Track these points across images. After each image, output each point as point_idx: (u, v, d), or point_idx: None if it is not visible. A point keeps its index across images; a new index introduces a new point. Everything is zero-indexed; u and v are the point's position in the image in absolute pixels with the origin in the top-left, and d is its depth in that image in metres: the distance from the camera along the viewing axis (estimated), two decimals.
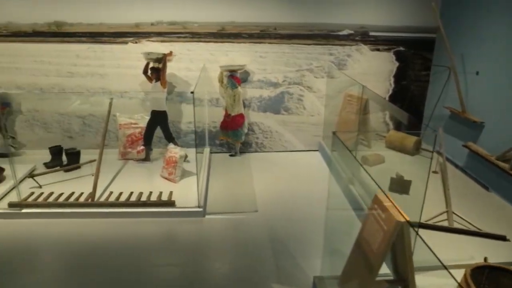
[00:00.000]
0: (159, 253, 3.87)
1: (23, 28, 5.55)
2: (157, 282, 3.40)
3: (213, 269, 3.60)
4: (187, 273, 3.53)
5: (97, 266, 3.60)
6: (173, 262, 3.68)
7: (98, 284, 3.38)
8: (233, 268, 3.59)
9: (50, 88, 5.79)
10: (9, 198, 4.73)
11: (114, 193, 4.81)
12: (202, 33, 5.65)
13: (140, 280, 3.42)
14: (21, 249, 3.89)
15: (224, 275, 3.50)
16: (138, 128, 5.74)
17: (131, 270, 3.55)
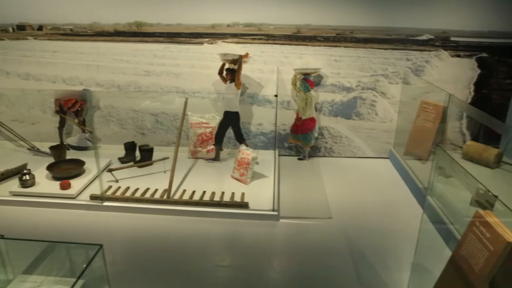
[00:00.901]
0: (232, 254, 3.87)
1: (106, 28, 5.76)
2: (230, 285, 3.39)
3: (290, 275, 3.55)
4: (263, 277, 3.50)
5: (170, 262, 3.66)
6: (247, 265, 3.67)
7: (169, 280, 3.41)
8: (311, 277, 3.52)
9: (126, 86, 5.97)
10: (89, 191, 4.91)
11: (187, 191, 4.87)
12: (277, 35, 5.63)
13: (213, 281, 3.42)
14: (102, 241, 4.00)
15: (303, 283, 3.44)
16: (209, 128, 5.80)
17: (204, 269, 3.58)
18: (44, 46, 5.98)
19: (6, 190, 4.99)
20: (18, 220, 4.50)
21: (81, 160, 5.40)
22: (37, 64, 6.07)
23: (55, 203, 4.75)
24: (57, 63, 6.01)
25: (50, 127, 6.32)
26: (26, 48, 6.02)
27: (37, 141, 6.24)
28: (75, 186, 4.95)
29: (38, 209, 4.75)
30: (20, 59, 6.08)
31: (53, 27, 5.89)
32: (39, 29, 5.91)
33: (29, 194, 4.86)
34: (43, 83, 6.11)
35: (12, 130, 6.13)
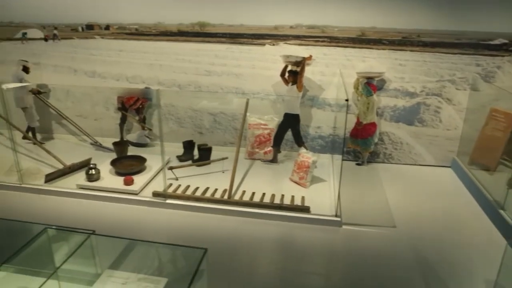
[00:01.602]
0: (294, 259, 3.82)
1: (170, 28, 5.86)
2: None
3: (356, 284, 3.46)
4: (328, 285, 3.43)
5: (236, 264, 3.65)
6: (310, 271, 3.62)
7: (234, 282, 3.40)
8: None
9: (186, 85, 6.05)
10: (150, 187, 5.00)
11: (247, 193, 4.86)
12: (340, 37, 5.53)
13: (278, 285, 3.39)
14: (165, 239, 4.07)
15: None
16: (267, 130, 5.78)
17: (264, 272, 3.54)
18: (110, 45, 6.16)
19: (73, 183, 5.17)
20: (84, 213, 4.65)
21: (142, 156, 5.51)
22: (103, 63, 6.26)
23: (119, 198, 4.87)
24: (122, 62, 6.18)
25: (112, 123, 6.50)
26: (94, 47, 6.23)
27: (98, 136, 6.44)
28: (138, 182, 5.06)
29: (102, 203, 4.89)
30: (87, 58, 6.30)
31: (119, 27, 6.06)
32: (106, 28, 6.09)
33: (95, 188, 5.01)
34: (108, 80, 6.30)
35: (77, 125, 6.36)
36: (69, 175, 5.43)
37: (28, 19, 6.36)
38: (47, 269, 2.46)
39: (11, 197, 5.03)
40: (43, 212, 4.69)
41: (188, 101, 6.12)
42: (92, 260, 2.62)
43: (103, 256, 2.68)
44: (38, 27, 6.39)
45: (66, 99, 6.53)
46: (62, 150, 5.74)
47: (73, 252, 2.36)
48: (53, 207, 4.78)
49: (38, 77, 6.33)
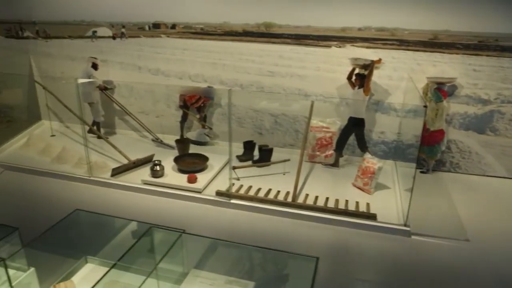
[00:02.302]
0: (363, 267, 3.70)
1: (235, 28, 5.88)
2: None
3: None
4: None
5: None
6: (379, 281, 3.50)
7: None
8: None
9: (249, 85, 6.04)
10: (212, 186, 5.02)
11: (310, 196, 4.79)
12: (411, 41, 5.35)
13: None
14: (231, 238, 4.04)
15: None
16: (329, 133, 5.68)
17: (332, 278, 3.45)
18: (175, 44, 6.25)
19: (137, 178, 5.28)
20: (149, 208, 4.73)
21: (204, 155, 5.55)
22: (167, 61, 6.38)
23: (183, 195, 4.92)
24: (186, 60, 6.26)
25: (172, 120, 6.60)
26: (159, 45, 6.35)
27: (158, 133, 6.56)
28: (200, 180, 5.09)
29: (166, 199, 4.96)
30: (152, 56, 6.43)
31: (185, 26, 6.14)
32: (172, 27, 6.19)
33: (159, 184, 5.09)
34: (171, 78, 6.40)
35: (140, 122, 6.50)
36: (133, 170, 5.55)
37: (99, 18, 6.58)
38: (141, 266, 2.49)
39: (81, 189, 5.20)
40: (111, 204, 4.82)
41: (250, 101, 6.11)
42: (179, 259, 2.64)
43: (189, 255, 2.70)
44: (108, 25, 6.59)
45: (130, 96, 6.70)
46: (123, 145, 5.87)
47: (167, 251, 2.37)
48: (119, 201, 4.90)
49: (105, 73, 6.52)
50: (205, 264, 2.59)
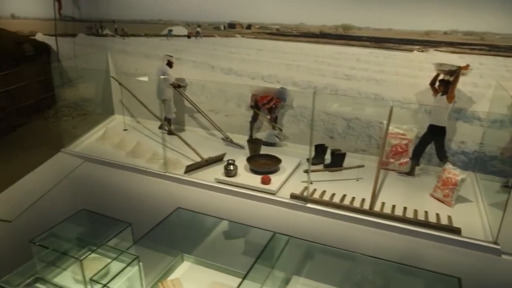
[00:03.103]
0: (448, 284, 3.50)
1: (312, 29, 5.80)
2: None
3: None
4: None
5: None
6: None
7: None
8: None
9: (323, 88, 5.95)
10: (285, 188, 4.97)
11: (387, 205, 4.64)
12: (502, 46, 5.04)
13: None
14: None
15: None
16: (405, 140, 5.47)
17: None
18: (250, 44, 6.27)
19: (210, 176, 5.34)
20: (223, 207, 4.76)
21: (276, 156, 5.52)
22: (241, 61, 6.41)
23: (256, 196, 4.91)
24: (260, 61, 6.26)
25: (242, 120, 6.63)
26: (233, 45, 6.39)
27: (227, 132, 6.61)
28: (274, 182, 5.06)
29: (239, 199, 4.97)
30: (226, 55, 6.48)
31: (261, 26, 6.14)
32: (248, 28, 6.21)
33: (233, 183, 5.11)
34: (243, 78, 6.43)
35: (211, 120, 6.57)
36: (205, 168, 5.62)
37: (175, 17, 6.72)
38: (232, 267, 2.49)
39: (157, 184, 5.33)
40: (186, 201, 4.88)
41: (322, 104, 6.01)
42: (281, 265, 2.61)
43: (290, 260, 2.66)
44: (183, 25, 6.72)
45: (201, 94, 6.79)
46: (192, 143, 5.96)
47: (260, 253, 2.34)
48: (193, 198, 4.97)
49: (178, 71, 6.64)
50: (308, 270, 2.54)
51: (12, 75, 7.24)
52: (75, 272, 3.03)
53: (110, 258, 2.92)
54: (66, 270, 3.06)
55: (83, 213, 3.53)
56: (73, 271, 3.07)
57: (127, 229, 3.25)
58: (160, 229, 3.11)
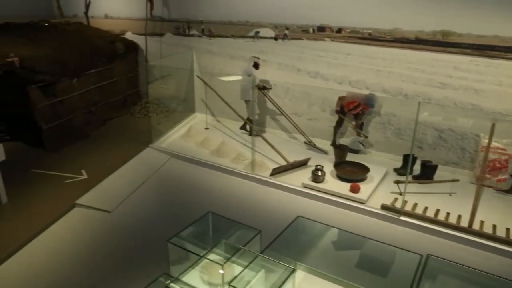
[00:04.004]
0: None
1: (407, 34, 5.59)
2: None
3: None
4: None
5: None
6: None
7: None
8: None
9: (414, 96, 5.72)
10: (375, 198, 4.83)
11: (486, 224, 4.35)
12: None
13: None
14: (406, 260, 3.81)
15: None
16: (505, 155, 5.12)
17: None
18: (339, 48, 6.17)
19: (295, 180, 5.31)
20: (309, 212, 4.70)
21: (364, 165, 5.39)
22: (328, 64, 6.32)
23: (344, 204, 4.82)
24: (348, 65, 6.14)
25: (325, 125, 6.54)
26: (321, 48, 6.32)
27: (309, 136, 6.53)
28: (363, 191, 4.94)
29: (326, 206, 4.90)
30: (313, 58, 6.43)
31: (352, 30, 6.02)
32: (338, 31, 6.11)
33: (320, 189, 5.05)
34: (330, 83, 6.34)
35: (294, 123, 6.54)
36: (289, 172, 5.60)
37: (263, 19, 6.76)
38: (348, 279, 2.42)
39: (243, 185, 5.40)
40: (271, 204, 4.91)
41: (412, 112, 5.76)
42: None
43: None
44: (271, 27, 6.75)
45: (285, 96, 6.78)
46: (274, 145, 5.97)
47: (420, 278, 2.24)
48: (280, 201, 4.97)
49: (262, 73, 6.67)
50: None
51: (104, 72, 7.64)
52: (203, 272, 3.12)
53: (239, 263, 2.96)
54: (193, 270, 3.13)
55: (209, 215, 3.63)
56: (202, 272, 3.17)
57: (252, 233, 3.29)
58: (279, 238, 3.11)
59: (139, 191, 5.14)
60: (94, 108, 7.34)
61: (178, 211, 4.72)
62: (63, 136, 6.45)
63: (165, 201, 4.97)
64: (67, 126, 6.57)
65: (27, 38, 6.64)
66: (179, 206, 4.85)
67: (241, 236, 3.37)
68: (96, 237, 4.27)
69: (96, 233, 4.34)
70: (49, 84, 6.20)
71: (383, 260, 2.63)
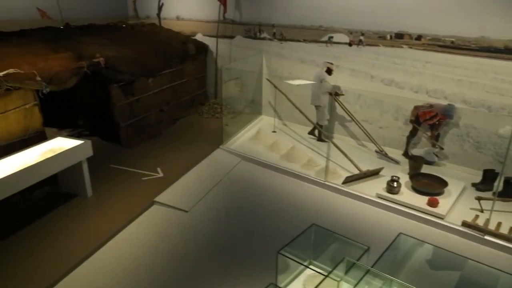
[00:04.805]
0: None
1: (495, 43, 5.32)
2: None
3: None
4: None
5: None
6: None
7: None
8: None
9: (499, 108, 5.45)
10: (454, 214, 4.64)
11: None
12: None
13: None
14: None
15: None
16: None
17: None
18: (417, 56, 5.98)
19: (369, 190, 5.20)
20: (385, 225, 4.60)
21: (440, 177, 5.20)
22: (404, 72, 6.15)
23: (422, 218, 4.67)
24: (425, 74, 5.95)
25: (397, 134, 6.38)
26: (398, 55, 6.16)
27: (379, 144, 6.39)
28: (441, 205, 4.76)
29: (401, 218, 4.78)
30: (389, 66, 6.28)
31: (432, 38, 5.82)
32: (417, 39, 5.93)
33: (395, 201, 4.92)
34: (405, 91, 6.17)
35: (366, 131, 6.43)
36: (362, 181, 5.50)
37: (338, 25, 6.69)
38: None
39: (315, 191, 5.36)
40: (345, 213, 4.85)
41: (496, 125, 5.50)
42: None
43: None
44: (346, 32, 6.66)
45: (356, 103, 6.68)
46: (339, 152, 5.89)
47: None
48: (353, 211, 4.90)
49: (333, 78, 6.59)
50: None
51: (176, 73, 7.87)
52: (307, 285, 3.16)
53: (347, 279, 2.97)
54: (296, 281, 3.20)
55: (313, 227, 3.66)
56: (305, 285, 3.22)
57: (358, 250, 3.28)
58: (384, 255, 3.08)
59: (213, 192, 5.25)
60: (166, 107, 7.58)
61: (252, 217, 4.77)
62: (138, 134, 6.71)
63: (239, 204, 5.04)
64: (142, 124, 6.83)
65: (109, 39, 6.96)
66: (253, 211, 4.90)
67: (344, 250, 3.36)
68: (175, 236, 4.40)
69: (175, 232, 4.47)
70: (128, 84, 6.46)
71: (485, 284, 2.51)
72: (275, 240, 4.13)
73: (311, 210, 4.88)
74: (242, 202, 5.10)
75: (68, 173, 4.74)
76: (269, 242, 4.21)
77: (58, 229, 4.37)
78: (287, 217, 4.74)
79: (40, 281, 3.62)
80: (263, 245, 4.21)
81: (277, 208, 4.92)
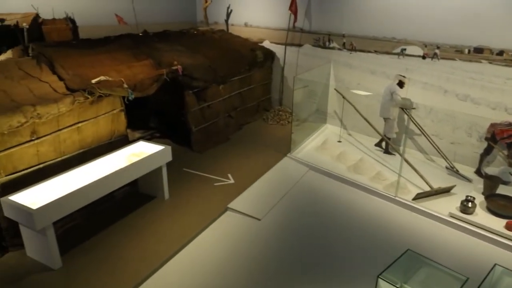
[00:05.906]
0: None
1: None
2: None
3: None
4: None
5: None
6: None
7: None
8: None
9: None
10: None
11: None
12: None
13: None
14: None
15: None
16: None
17: None
18: (498, 72, 5.80)
19: (441, 208, 5.11)
20: (457, 246, 4.52)
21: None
22: (481, 88, 5.99)
23: (498, 242, 4.54)
24: (506, 91, 5.76)
25: (469, 150, 6.21)
26: (475, 70, 6.00)
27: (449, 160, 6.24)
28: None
29: (476, 240, 4.67)
30: (464, 81, 6.12)
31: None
32: (499, 54, 5.74)
33: (469, 221, 4.82)
34: (481, 108, 6.00)
35: (436, 146, 6.31)
36: (433, 198, 5.41)
37: (411, 37, 6.61)
38: None
39: (385, 206, 5.34)
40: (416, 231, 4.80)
41: None
42: None
43: None
44: (420, 44, 6.56)
45: (426, 117, 6.56)
46: (407, 166, 5.78)
47: None
48: (424, 229, 4.84)
49: (404, 91, 6.50)
50: None
51: (245, 79, 8.08)
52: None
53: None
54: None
55: (409, 252, 3.69)
56: None
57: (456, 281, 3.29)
58: None
59: (284, 202, 5.37)
60: (234, 112, 7.80)
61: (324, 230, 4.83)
62: (208, 139, 6.96)
63: (310, 216, 5.12)
64: (211, 129, 7.09)
65: (183, 45, 7.27)
66: (324, 223, 4.96)
67: (438, 277, 3.37)
68: (249, 244, 4.54)
69: (249, 240, 4.61)
70: (201, 90, 6.73)
71: None
72: (344, 256, 4.22)
73: (383, 227, 4.88)
74: (313, 213, 5.18)
75: (148, 176, 5.03)
76: (340, 256, 4.28)
77: (139, 228, 4.66)
78: (359, 232, 4.77)
79: (128, 280, 3.88)
80: (336, 259, 4.27)
81: (347, 222, 4.96)
